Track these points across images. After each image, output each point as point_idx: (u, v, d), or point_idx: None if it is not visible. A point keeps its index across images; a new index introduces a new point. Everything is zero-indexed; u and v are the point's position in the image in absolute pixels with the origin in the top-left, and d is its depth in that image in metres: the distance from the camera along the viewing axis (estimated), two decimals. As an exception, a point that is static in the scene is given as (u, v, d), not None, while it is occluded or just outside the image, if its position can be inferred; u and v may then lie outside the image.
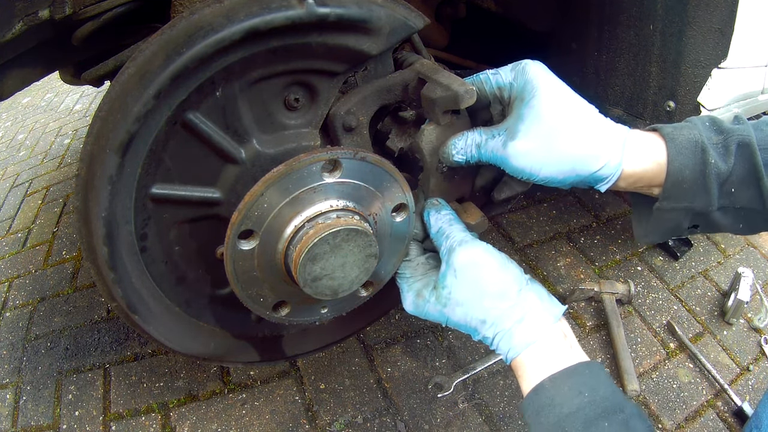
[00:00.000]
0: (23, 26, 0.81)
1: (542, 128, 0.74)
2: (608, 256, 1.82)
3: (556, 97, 0.75)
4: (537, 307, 0.77)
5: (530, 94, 0.75)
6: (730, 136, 0.73)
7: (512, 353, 0.76)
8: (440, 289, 0.82)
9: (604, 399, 0.69)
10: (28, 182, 2.78)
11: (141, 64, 0.74)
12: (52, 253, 2.12)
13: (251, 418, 1.39)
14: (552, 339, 0.76)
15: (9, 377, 1.60)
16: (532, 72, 0.77)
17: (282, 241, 0.82)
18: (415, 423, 1.36)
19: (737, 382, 1.45)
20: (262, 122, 0.87)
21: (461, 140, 0.84)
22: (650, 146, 0.75)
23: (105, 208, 0.79)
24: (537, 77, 0.76)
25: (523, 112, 0.75)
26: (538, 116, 0.74)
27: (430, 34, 1.44)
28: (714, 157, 0.72)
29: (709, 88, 1.09)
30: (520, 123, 0.76)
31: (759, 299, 1.63)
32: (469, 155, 0.83)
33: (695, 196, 0.74)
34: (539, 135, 0.74)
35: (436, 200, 0.91)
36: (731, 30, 1.01)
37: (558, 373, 0.72)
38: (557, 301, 0.81)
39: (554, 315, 0.77)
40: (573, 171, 0.75)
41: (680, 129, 0.75)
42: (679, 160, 0.73)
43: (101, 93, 3.35)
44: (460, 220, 0.89)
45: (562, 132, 0.73)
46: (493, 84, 0.82)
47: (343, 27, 0.80)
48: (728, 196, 0.74)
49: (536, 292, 0.79)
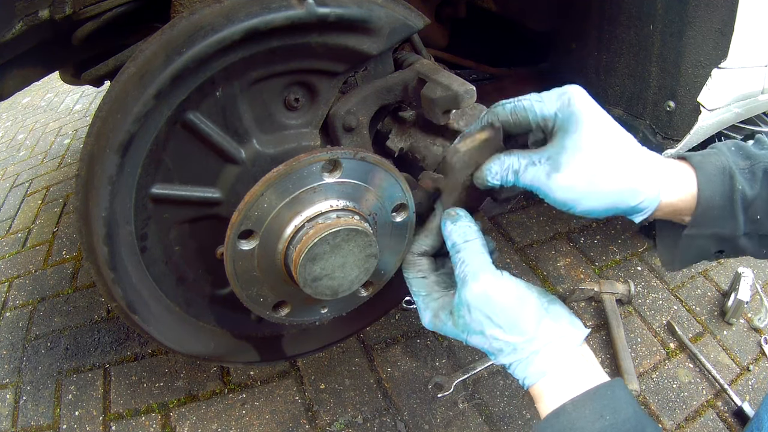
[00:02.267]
0: (23, 26, 0.81)
1: (586, 163, 0.74)
2: (608, 256, 1.82)
3: (600, 132, 0.75)
4: (556, 337, 0.76)
5: (575, 126, 0.74)
6: (756, 162, 0.75)
7: (529, 381, 0.76)
8: (457, 318, 0.81)
9: (626, 421, 0.69)
10: (28, 182, 2.78)
11: (141, 64, 0.74)
12: (52, 253, 2.12)
13: (251, 418, 1.39)
14: (571, 363, 0.75)
15: (9, 377, 1.60)
16: (577, 103, 0.76)
17: (282, 241, 0.82)
18: (415, 423, 1.36)
19: (737, 382, 1.45)
20: (262, 122, 0.87)
21: (497, 164, 0.80)
22: (682, 177, 0.76)
23: (105, 208, 0.79)
24: (582, 109, 0.75)
25: (566, 144, 0.75)
26: (583, 150, 0.74)
27: (430, 34, 1.44)
28: (741, 183, 0.74)
29: (709, 88, 1.09)
30: (564, 155, 0.74)
31: (759, 299, 1.63)
32: (504, 180, 0.81)
33: (723, 222, 0.75)
34: (583, 170, 0.74)
35: (454, 211, 0.86)
36: (731, 30, 1.01)
37: (579, 396, 0.71)
38: (579, 325, 0.79)
39: (574, 343, 0.76)
40: (613, 205, 0.75)
41: (708, 156, 0.77)
42: (710, 188, 0.74)
43: (101, 93, 3.35)
44: (477, 233, 0.84)
45: (605, 168, 0.74)
46: (537, 113, 0.79)
47: (343, 27, 0.80)
48: (754, 223, 0.75)
49: (556, 320, 0.78)
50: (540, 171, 0.76)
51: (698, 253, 0.80)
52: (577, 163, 0.73)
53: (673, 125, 1.18)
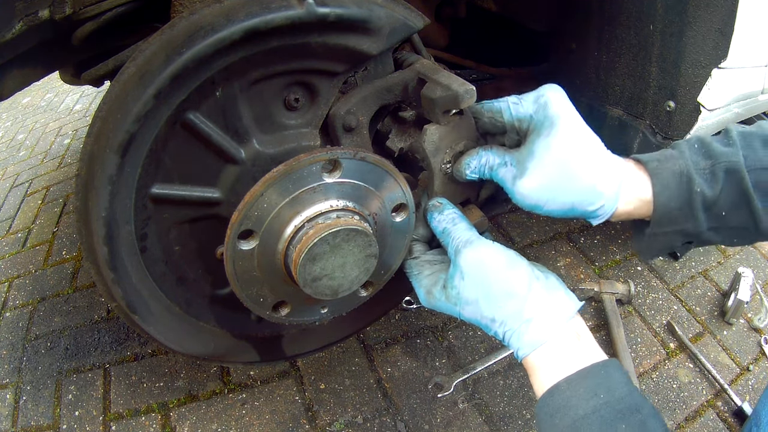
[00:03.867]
0: (23, 26, 0.81)
1: (550, 171, 0.77)
2: (608, 256, 1.82)
3: (568, 140, 0.77)
4: (547, 306, 0.77)
5: (546, 132, 0.78)
6: (717, 161, 0.75)
7: (522, 352, 0.77)
8: (449, 289, 0.83)
9: (620, 400, 0.69)
10: (28, 182, 2.78)
11: (141, 64, 0.74)
12: (52, 253, 2.12)
13: (251, 418, 1.39)
14: (565, 339, 0.75)
15: (9, 377, 1.60)
16: (552, 108, 0.79)
17: (282, 241, 0.82)
18: (415, 423, 1.36)
19: (737, 382, 1.45)
20: (262, 122, 0.87)
21: (475, 160, 0.85)
22: (638, 185, 0.78)
23: (105, 208, 0.79)
24: (555, 113, 0.78)
25: (534, 150, 0.79)
26: (549, 158, 0.77)
27: (430, 34, 1.44)
28: (700, 185, 0.75)
29: (709, 88, 1.09)
30: (531, 160, 0.78)
31: (759, 299, 1.63)
32: (481, 174, 0.86)
33: (684, 222, 0.77)
34: (546, 177, 0.78)
35: (438, 201, 0.91)
36: (731, 30, 1.01)
37: (573, 375, 0.72)
38: (573, 298, 0.80)
39: (566, 315, 0.77)
40: (572, 209, 0.80)
41: (665, 162, 0.78)
42: (665, 194, 0.76)
43: (101, 93, 3.35)
44: (464, 217, 0.88)
45: (567, 177, 0.77)
46: (513, 115, 0.83)
47: (343, 27, 0.80)
48: (718, 219, 0.76)
49: (548, 290, 0.79)
50: (508, 173, 0.82)
51: (666, 246, 0.82)
52: (542, 170, 0.77)
53: (673, 125, 1.18)
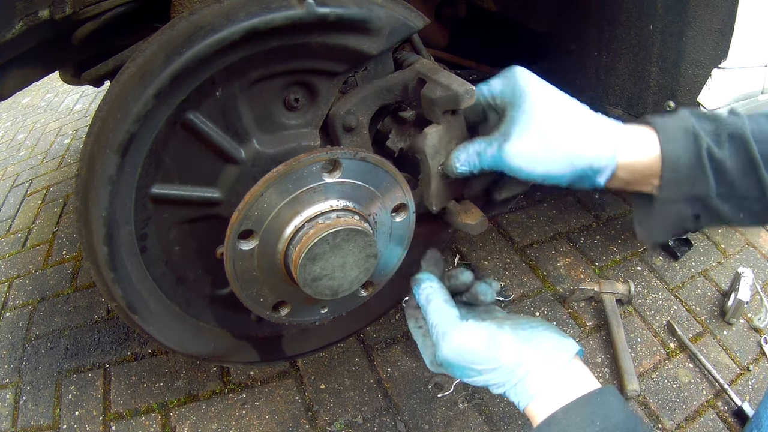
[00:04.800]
0: (23, 26, 0.81)
1: (534, 127, 0.76)
2: (608, 256, 1.82)
3: (546, 98, 0.77)
4: (540, 362, 0.77)
5: (521, 99, 0.78)
6: (721, 125, 0.73)
7: (522, 404, 0.78)
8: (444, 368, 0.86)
9: (617, 426, 0.69)
10: (28, 182, 2.78)
11: (141, 64, 0.74)
12: (52, 253, 2.12)
13: (251, 418, 1.39)
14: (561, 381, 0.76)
15: (9, 377, 1.60)
16: (520, 77, 0.79)
17: (282, 241, 0.82)
18: (415, 423, 1.36)
19: (737, 382, 1.45)
20: (262, 122, 0.87)
21: (463, 152, 0.85)
22: (643, 137, 0.76)
23: (105, 208, 0.79)
24: (525, 82, 0.78)
25: (515, 115, 0.78)
26: (530, 117, 0.76)
27: (430, 34, 1.44)
28: (707, 142, 0.72)
29: (709, 88, 1.09)
30: (513, 126, 0.78)
31: (759, 299, 1.63)
32: (471, 165, 0.85)
33: (694, 182, 0.74)
34: (532, 134, 0.76)
35: (417, 276, 0.92)
36: (731, 30, 1.01)
37: (570, 404, 0.72)
38: (567, 346, 0.79)
39: (560, 365, 0.77)
40: (570, 165, 0.76)
41: (671, 119, 0.76)
42: (672, 146, 0.73)
43: (101, 93, 3.35)
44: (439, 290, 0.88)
45: (554, 128, 0.75)
46: (485, 94, 0.84)
47: (343, 27, 0.80)
48: (727, 184, 0.73)
49: (538, 347, 0.79)
50: (494, 146, 0.80)
51: (675, 221, 0.78)
52: (526, 129, 0.76)
53: (673, 125, 1.18)
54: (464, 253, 1.85)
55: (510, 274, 1.76)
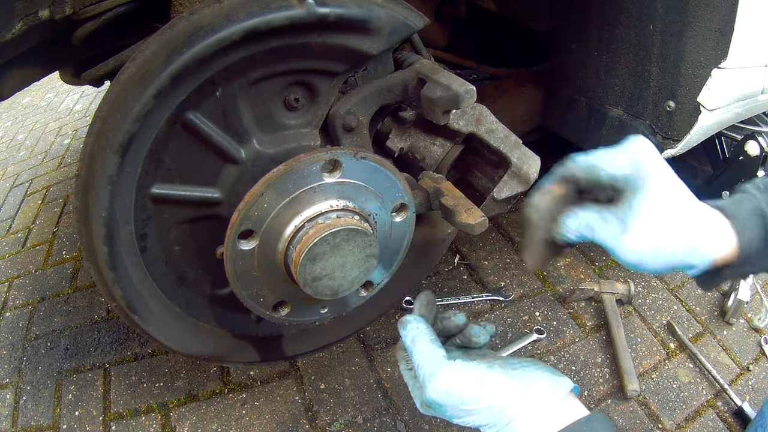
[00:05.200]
0: (23, 26, 0.81)
1: (652, 227, 0.76)
2: (608, 256, 1.80)
3: (666, 194, 0.77)
4: (531, 401, 0.77)
5: (643, 187, 0.77)
6: None
7: None
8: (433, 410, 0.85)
9: None
10: (28, 182, 2.77)
11: (141, 64, 0.74)
12: (52, 253, 2.12)
13: (251, 418, 1.39)
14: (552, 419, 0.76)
15: (9, 377, 1.60)
16: (646, 163, 0.78)
17: (282, 241, 0.82)
18: (415, 423, 1.36)
19: (737, 382, 1.45)
20: (262, 122, 0.87)
21: (573, 220, 0.81)
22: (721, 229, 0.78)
23: (105, 208, 0.79)
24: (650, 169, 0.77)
25: (634, 204, 0.77)
26: (650, 214, 0.76)
27: (430, 34, 1.44)
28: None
29: (709, 88, 1.09)
30: (631, 216, 0.77)
31: (759, 299, 1.63)
32: (580, 236, 0.82)
33: (759, 264, 0.78)
34: (649, 233, 0.76)
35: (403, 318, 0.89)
36: (731, 30, 1.01)
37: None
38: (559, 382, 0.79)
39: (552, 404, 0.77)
40: (673, 266, 0.78)
41: (740, 203, 0.79)
42: (749, 235, 0.76)
43: (101, 93, 3.35)
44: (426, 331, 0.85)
45: (668, 232, 0.76)
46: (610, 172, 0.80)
47: (343, 27, 0.80)
48: None
49: (528, 386, 0.78)
50: (610, 231, 0.79)
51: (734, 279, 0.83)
52: (644, 226, 0.76)
53: (673, 125, 1.18)
54: (464, 253, 1.85)
55: (510, 274, 1.76)
